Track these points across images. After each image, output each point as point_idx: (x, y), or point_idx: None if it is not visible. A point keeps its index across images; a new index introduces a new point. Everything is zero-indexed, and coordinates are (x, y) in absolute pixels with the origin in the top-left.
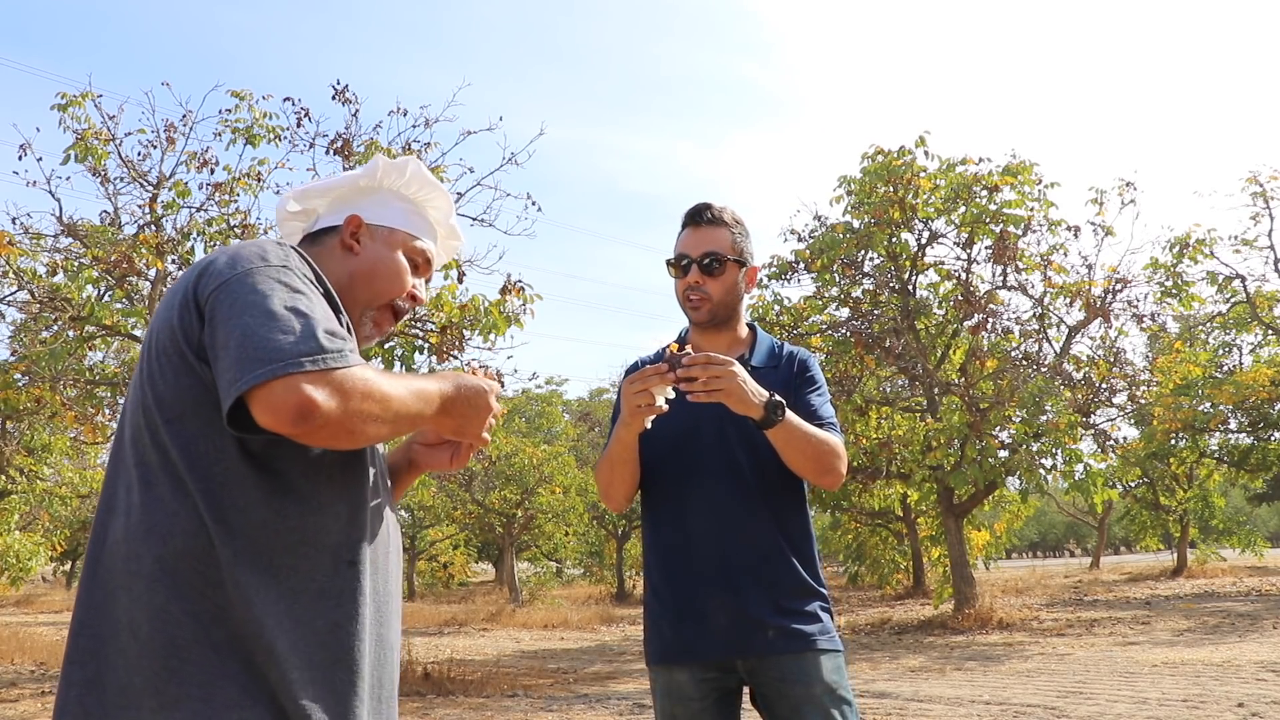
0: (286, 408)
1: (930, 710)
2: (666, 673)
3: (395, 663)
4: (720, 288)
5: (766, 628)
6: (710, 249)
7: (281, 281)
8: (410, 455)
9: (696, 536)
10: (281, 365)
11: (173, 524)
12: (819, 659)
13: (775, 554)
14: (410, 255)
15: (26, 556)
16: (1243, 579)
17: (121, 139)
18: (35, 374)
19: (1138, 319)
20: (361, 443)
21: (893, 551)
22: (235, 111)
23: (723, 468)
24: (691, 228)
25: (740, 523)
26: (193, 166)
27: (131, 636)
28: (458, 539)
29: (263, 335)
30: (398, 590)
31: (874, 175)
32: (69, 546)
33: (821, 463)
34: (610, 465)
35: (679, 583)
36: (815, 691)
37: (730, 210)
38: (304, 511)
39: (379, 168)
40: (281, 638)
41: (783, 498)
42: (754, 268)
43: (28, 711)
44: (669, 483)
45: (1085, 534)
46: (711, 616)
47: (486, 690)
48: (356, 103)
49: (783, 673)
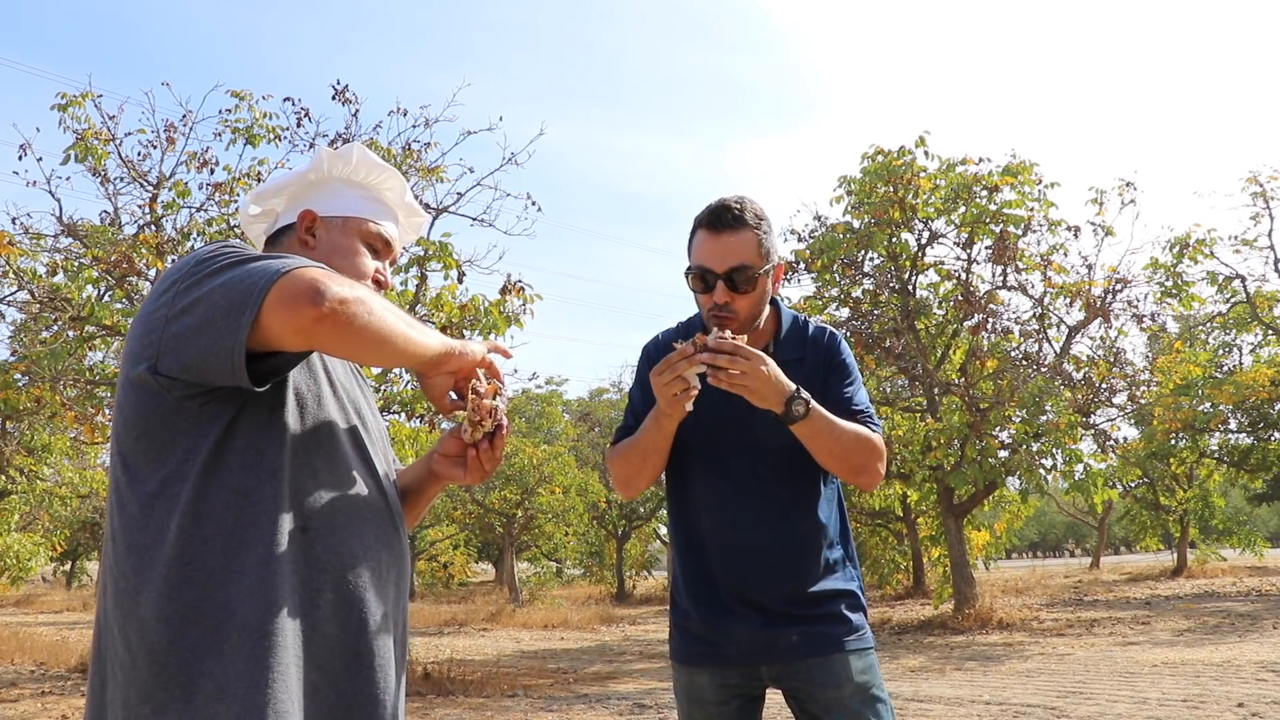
0: (300, 290)
1: (930, 710)
2: (687, 673)
3: (388, 629)
4: (750, 303)
5: (791, 633)
6: (736, 262)
7: (228, 250)
8: (431, 466)
9: (720, 535)
10: (277, 272)
11: (143, 537)
12: (847, 660)
13: (801, 554)
14: (369, 240)
15: (26, 556)
16: (1243, 579)
17: (121, 139)
18: (35, 374)
19: (1138, 319)
20: (377, 334)
21: (893, 551)
22: (235, 111)
23: (747, 460)
24: (711, 234)
25: (764, 520)
26: (193, 166)
27: (126, 650)
28: (458, 539)
29: (242, 276)
30: (394, 555)
31: (874, 175)
32: (69, 546)
33: (850, 461)
34: (643, 455)
35: (701, 583)
36: (845, 694)
37: (752, 206)
38: (264, 483)
39: (323, 159)
40: (252, 616)
41: (812, 491)
42: (781, 264)
43: (28, 711)
44: (693, 475)
45: (1085, 534)
46: (735, 621)
47: (486, 690)
48: (356, 103)
49: (811, 676)
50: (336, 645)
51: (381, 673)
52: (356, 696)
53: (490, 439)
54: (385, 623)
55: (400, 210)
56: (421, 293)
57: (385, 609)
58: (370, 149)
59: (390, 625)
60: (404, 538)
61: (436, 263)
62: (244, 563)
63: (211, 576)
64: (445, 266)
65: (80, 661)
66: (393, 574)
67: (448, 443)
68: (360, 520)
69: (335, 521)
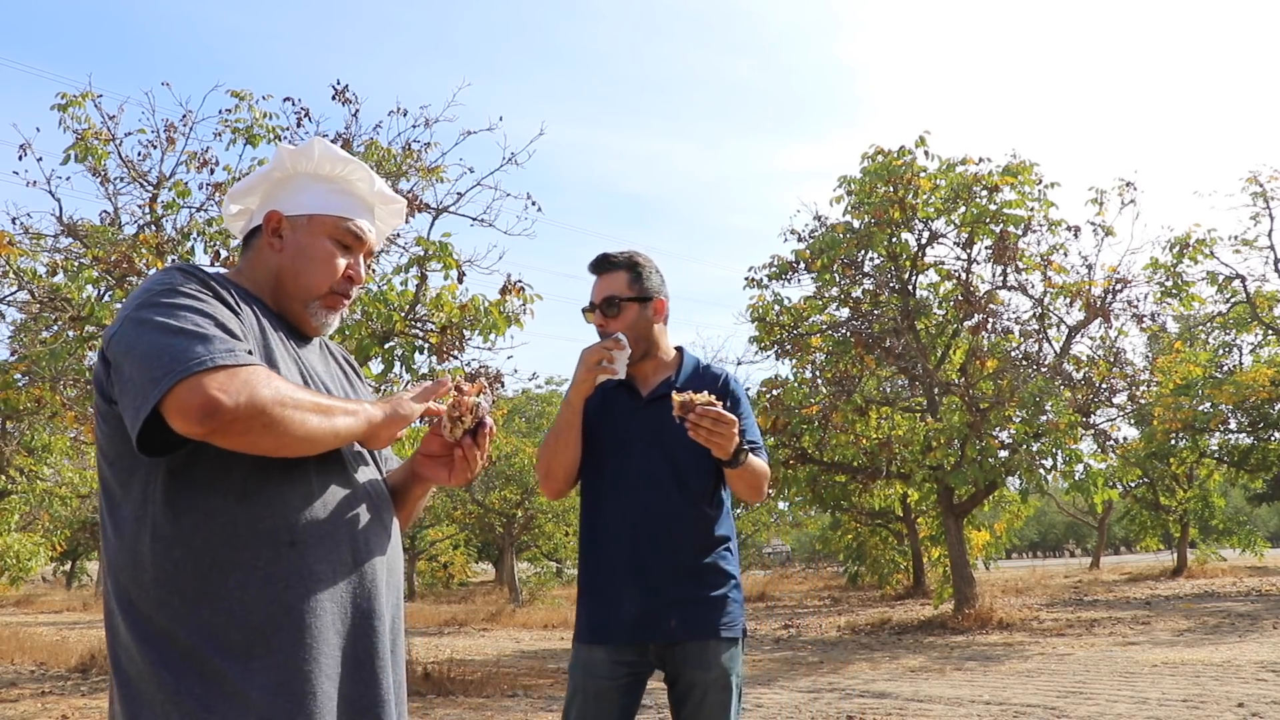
0: (193, 407)
1: (930, 710)
2: (586, 649)
3: (384, 631)
4: (621, 326)
5: (671, 617)
6: (607, 293)
7: (167, 304)
8: (414, 467)
9: (615, 529)
10: (182, 369)
11: (120, 559)
12: (719, 646)
13: (687, 549)
14: (339, 237)
15: (26, 556)
16: (1243, 579)
17: (121, 139)
18: (35, 374)
19: (1138, 319)
20: (281, 439)
21: (893, 551)
22: (235, 111)
23: (648, 471)
24: (595, 276)
25: (655, 518)
26: (193, 166)
27: (115, 669)
28: (458, 539)
29: (157, 354)
30: (387, 559)
31: (874, 175)
32: (69, 546)
33: (758, 488)
34: (555, 435)
35: (600, 570)
36: (710, 677)
37: (629, 254)
38: (231, 506)
39: (284, 157)
40: (234, 632)
41: (703, 492)
42: (661, 300)
43: (28, 711)
44: (602, 480)
45: (1085, 534)
46: (624, 604)
47: (486, 690)
48: (356, 103)
49: (685, 658)
50: (338, 651)
51: (384, 674)
52: (361, 700)
53: (473, 436)
54: (383, 625)
55: (374, 200)
56: (421, 293)
57: (382, 611)
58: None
59: (388, 627)
60: (396, 538)
61: (436, 263)
62: (220, 585)
63: (185, 600)
64: (445, 266)
65: (80, 661)
66: (386, 575)
67: (430, 442)
68: (351, 526)
69: (323, 531)
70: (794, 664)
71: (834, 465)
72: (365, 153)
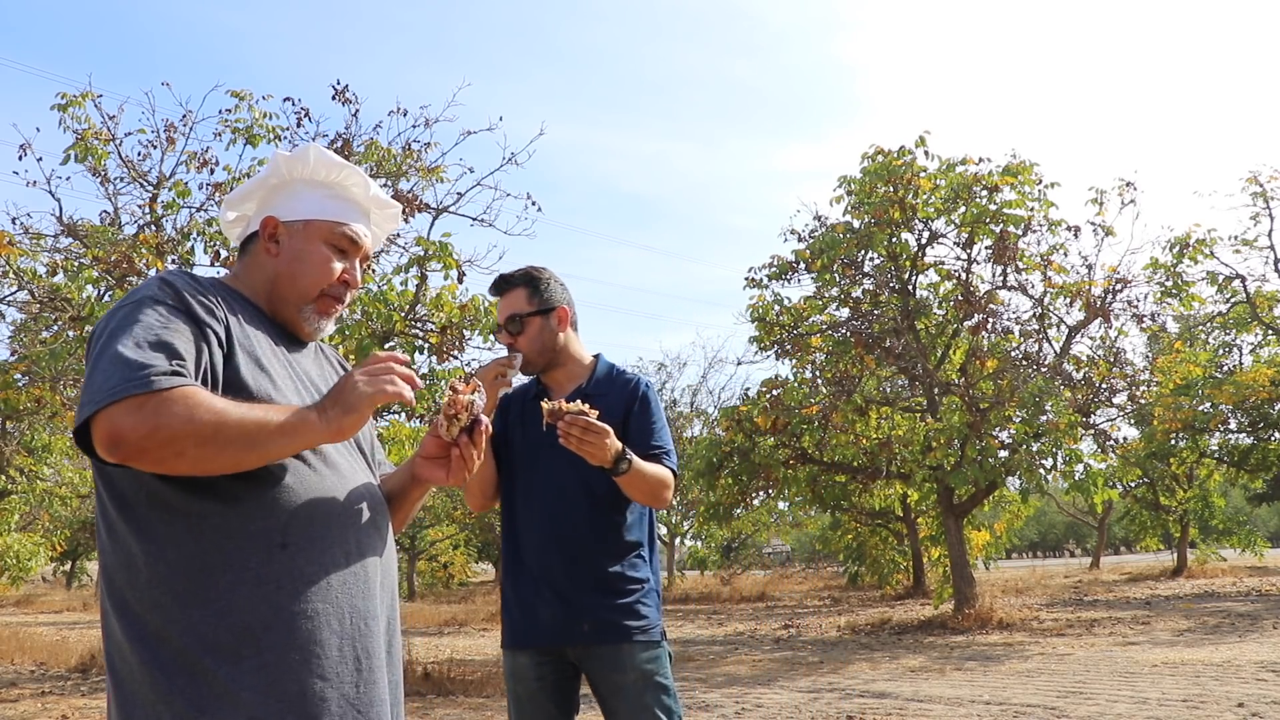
0: (101, 439)
1: (930, 710)
2: (511, 656)
3: (380, 632)
4: (527, 341)
5: (583, 622)
6: (510, 312)
7: (131, 321)
8: (413, 469)
9: (531, 537)
10: (92, 404)
11: (113, 561)
12: (634, 649)
13: (595, 555)
14: (334, 242)
15: (26, 556)
16: (1243, 579)
17: (121, 139)
18: (35, 374)
19: (1138, 319)
20: (197, 464)
21: (893, 551)
22: (235, 111)
23: (555, 480)
24: (498, 297)
25: (570, 520)
26: (193, 166)
27: (110, 669)
28: (458, 539)
29: (91, 379)
30: (382, 561)
31: (874, 175)
32: (69, 546)
33: (655, 495)
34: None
35: (517, 577)
36: (628, 680)
37: (525, 269)
38: (222, 508)
39: (280, 163)
40: (225, 634)
41: (617, 500)
42: (563, 309)
43: (28, 711)
44: (517, 490)
45: (1085, 534)
46: (540, 609)
47: (486, 690)
48: (356, 103)
49: (601, 662)
50: (336, 653)
51: (381, 674)
52: (359, 700)
53: (469, 434)
54: (379, 625)
55: (370, 205)
56: (421, 293)
57: (378, 611)
58: (371, 149)
59: (384, 628)
60: (389, 539)
61: (436, 263)
62: (211, 586)
63: (177, 601)
64: (445, 266)
65: (80, 662)
66: (381, 576)
67: (428, 444)
68: (343, 527)
69: (315, 532)
70: (794, 664)
71: (834, 465)
72: (365, 153)
